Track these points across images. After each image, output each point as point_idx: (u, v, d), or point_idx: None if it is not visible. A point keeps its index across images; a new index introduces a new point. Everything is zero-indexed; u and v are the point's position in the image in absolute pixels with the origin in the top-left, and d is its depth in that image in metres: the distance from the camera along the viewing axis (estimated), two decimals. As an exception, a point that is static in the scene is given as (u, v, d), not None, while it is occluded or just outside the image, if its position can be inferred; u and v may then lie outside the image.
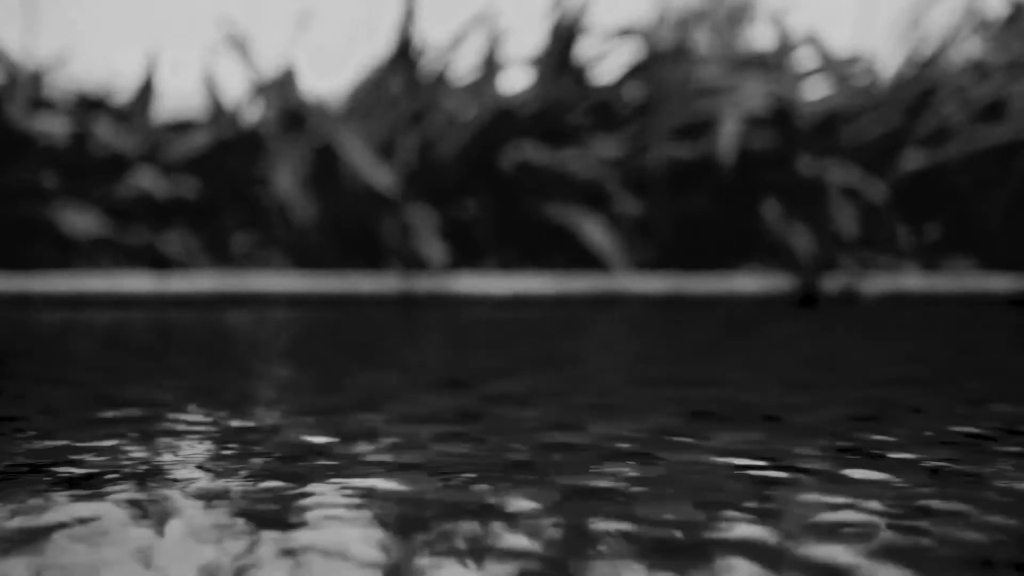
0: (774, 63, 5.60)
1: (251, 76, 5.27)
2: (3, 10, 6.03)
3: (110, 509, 0.89)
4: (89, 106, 5.21)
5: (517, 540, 0.80)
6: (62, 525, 0.84)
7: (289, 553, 0.77)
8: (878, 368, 1.98)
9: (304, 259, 5.10)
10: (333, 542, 0.80)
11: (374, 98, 5.35)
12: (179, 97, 5.39)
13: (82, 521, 0.85)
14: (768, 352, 2.29)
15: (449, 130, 5.32)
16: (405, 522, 0.85)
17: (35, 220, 4.99)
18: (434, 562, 0.74)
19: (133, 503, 0.92)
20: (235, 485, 0.99)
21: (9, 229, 4.99)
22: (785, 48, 5.63)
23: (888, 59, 5.86)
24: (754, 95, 5.35)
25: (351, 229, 5.11)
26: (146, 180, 5.09)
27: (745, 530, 0.83)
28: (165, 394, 1.61)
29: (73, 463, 1.09)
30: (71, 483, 1.00)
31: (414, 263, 5.01)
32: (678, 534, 0.82)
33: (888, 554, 0.76)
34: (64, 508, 0.90)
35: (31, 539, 0.80)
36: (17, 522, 0.85)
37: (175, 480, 1.01)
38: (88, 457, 1.12)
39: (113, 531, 0.82)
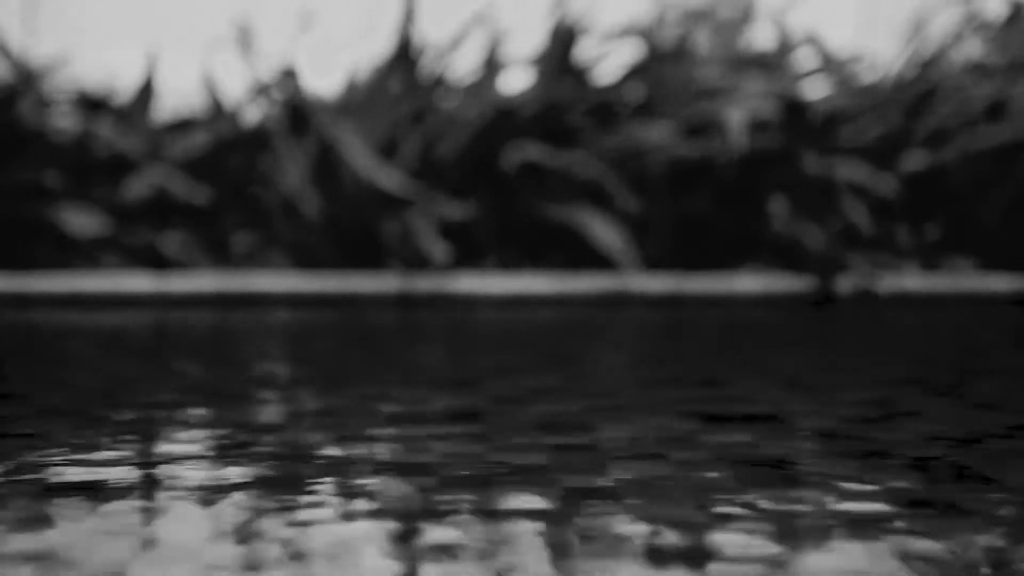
0: (774, 63, 5.60)
1: (252, 75, 5.27)
2: (3, 10, 6.03)
3: (111, 509, 0.89)
4: (90, 106, 5.21)
5: (518, 541, 0.80)
6: (63, 526, 0.84)
7: (290, 553, 0.77)
8: (881, 368, 1.98)
9: (305, 259, 5.10)
10: (334, 542, 0.80)
11: (374, 98, 5.35)
12: (179, 97, 5.39)
13: (83, 522, 0.85)
14: (771, 352, 2.29)
15: (450, 130, 5.32)
16: (405, 522, 0.85)
17: (37, 220, 4.99)
18: (435, 562, 0.74)
19: (134, 503, 0.92)
20: (235, 485, 0.99)
21: (10, 229, 4.99)
22: (785, 48, 5.63)
23: (888, 59, 5.86)
24: (754, 95, 5.35)
25: (352, 229, 5.11)
26: (146, 180, 5.09)
27: (748, 530, 0.83)
28: (165, 394, 1.61)
29: (74, 464, 1.09)
30: (72, 484, 0.99)
31: (415, 263, 5.01)
32: (680, 535, 0.82)
33: (890, 554, 0.76)
34: (65, 509, 0.90)
35: (32, 540, 0.80)
36: (19, 523, 0.85)
37: (175, 480, 1.01)
38: (89, 457, 1.12)
39: (114, 532, 0.82)
